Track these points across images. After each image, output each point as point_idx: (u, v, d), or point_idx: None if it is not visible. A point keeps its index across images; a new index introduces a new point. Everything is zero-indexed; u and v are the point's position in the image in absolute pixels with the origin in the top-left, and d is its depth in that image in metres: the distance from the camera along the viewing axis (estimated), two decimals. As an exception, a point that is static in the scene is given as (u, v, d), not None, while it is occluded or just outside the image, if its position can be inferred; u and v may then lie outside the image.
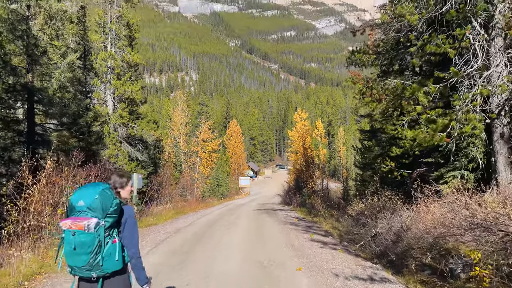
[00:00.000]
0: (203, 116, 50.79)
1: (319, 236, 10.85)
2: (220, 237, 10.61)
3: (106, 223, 2.71)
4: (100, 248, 2.68)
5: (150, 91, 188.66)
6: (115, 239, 2.79)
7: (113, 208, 2.75)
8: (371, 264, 6.99)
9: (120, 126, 21.01)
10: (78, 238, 2.63)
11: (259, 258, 7.63)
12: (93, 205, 2.69)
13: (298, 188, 27.80)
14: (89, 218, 2.65)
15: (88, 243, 2.64)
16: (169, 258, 7.82)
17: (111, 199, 2.77)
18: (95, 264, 2.67)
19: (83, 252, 2.64)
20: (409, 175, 11.12)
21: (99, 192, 2.74)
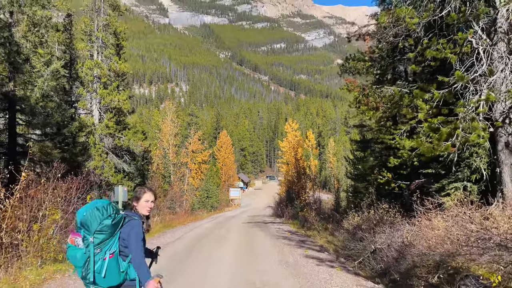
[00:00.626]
0: (192, 126, 50.17)
1: (314, 251, 10.27)
2: (209, 253, 9.98)
3: (95, 239, 2.80)
4: (88, 263, 2.77)
5: (139, 102, 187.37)
6: (107, 256, 2.84)
7: (102, 225, 2.81)
8: (373, 285, 6.43)
9: (106, 137, 20.35)
10: (70, 252, 2.83)
11: (251, 278, 7.02)
12: (83, 222, 2.84)
13: (289, 199, 27.22)
14: (79, 234, 2.84)
15: (78, 258, 2.79)
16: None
17: (100, 217, 2.84)
18: (88, 278, 2.78)
19: (76, 265, 2.84)
20: (407, 187, 10.66)
21: (88, 210, 2.88)
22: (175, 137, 41.15)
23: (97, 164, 19.38)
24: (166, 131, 40.75)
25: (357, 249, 9.44)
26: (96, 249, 2.82)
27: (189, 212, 32.11)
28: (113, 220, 2.89)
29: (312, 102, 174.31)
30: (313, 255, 9.66)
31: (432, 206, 8.03)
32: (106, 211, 2.89)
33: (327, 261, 8.80)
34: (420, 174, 10.38)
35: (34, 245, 8.71)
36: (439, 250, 6.45)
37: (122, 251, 2.99)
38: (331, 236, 13.15)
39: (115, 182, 19.41)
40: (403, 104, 9.06)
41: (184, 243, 12.20)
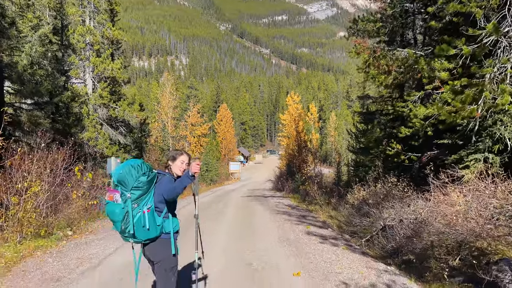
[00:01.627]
0: (192, 99, 49.16)
1: (316, 228, 9.55)
2: (204, 230, 9.26)
3: (132, 195, 3.02)
4: (127, 217, 3.00)
5: (139, 75, 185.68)
6: (144, 210, 3.06)
7: (138, 182, 3.02)
8: (384, 267, 5.69)
9: (101, 107, 19.51)
10: (109, 208, 3.07)
11: (248, 258, 6.30)
12: (119, 180, 3.06)
13: (290, 173, 26.51)
14: (117, 191, 3.05)
15: (117, 213, 3.02)
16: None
17: (136, 174, 3.04)
18: (127, 232, 3.02)
19: (115, 220, 3.06)
20: (418, 159, 9.85)
21: (125, 168, 3.08)
22: (174, 110, 40.19)
23: (91, 135, 18.62)
24: (165, 104, 39.80)
25: (363, 225, 8.73)
26: (133, 204, 3.05)
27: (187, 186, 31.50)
28: (148, 177, 3.10)
29: (313, 75, 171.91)
30: (315, 231, 8.95)
31: (448, 179, 7.24)
32: (140, 169, 3.09)
33: (331, 239, 8.08)
34: (433, 145, 9.53)
35: (12, 220, 8.03)
36: (460, 229, 5.69)
37: (157, 207, 3.21)
38: (334, 211, 12.46)
39: (110, 154, 18.69)
40: (419, 67, 8.14)
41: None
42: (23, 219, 8.17)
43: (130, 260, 6.52)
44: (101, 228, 10.22)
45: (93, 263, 6.33)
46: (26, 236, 8.07)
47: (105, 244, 7.88)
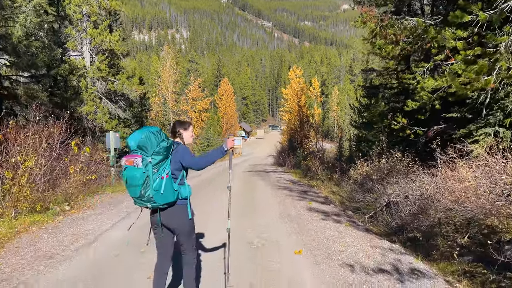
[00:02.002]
0: (192, 73, 48.51)
1: (318, 204, 9.35)
2: (202, 205, 9.08)
3: (153, 160, 3.07)
4: (148, 182, 3.03)
5: (139, 49, 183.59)
6: (163, 176, 3.10)
7: (160, 147, 3.09)
8: (389, 245, 5.48)
9: (99, 80, 19.14)
10: (129, 172, 3.07)
11: (248, 235, 6.10)
12: (140, 145, 3.10)
13: (291, 148, 26.24)
14: (138, 156, 3.06)
15: (138, 177, 3.02)
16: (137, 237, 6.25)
17: (157, 140, 3.11)
18: (146, 196, 3.04)
19: (135, 185, 3.05)
20: (425, 134, 9.55)
21: (145, 133, 3.12)
22: (174, 84, 39.66)
23: (90, 109, 18.33)
24: (165, 78, 39.26)
25: (367, 201, 8.52)
26: (153, 169, 3.07)
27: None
28: (167, 143, 3.17)
29: (316, 49, 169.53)
30: (317, 207, 8.75)
31: (456, 154, 6.96)
32: (160, 135, 3.16)
33: (333, 215, 7.87)
34: (440, 119, 9.21)
35: (7, 195, 7.84)
36: (469, 206, 5.45)
37: (174, 174, 3.28)
38: (336, 186, 12.25)
39: (109, 128, 18.46)
40: (428, 37, 7.73)
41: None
42: (18, 194, 7.98)
43: (126, 236, 6.34)
44: (99, 203, 10.05)
45: (89, 239, 6.15)
46: (22, 211, 7.90)
47: (102, 220, 7.70)
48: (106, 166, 14.53)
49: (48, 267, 4.81)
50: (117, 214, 8.36)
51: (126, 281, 4.27)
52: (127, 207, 9.19)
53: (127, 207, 9.27)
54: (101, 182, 13.44)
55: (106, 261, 4.98)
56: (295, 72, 34.69)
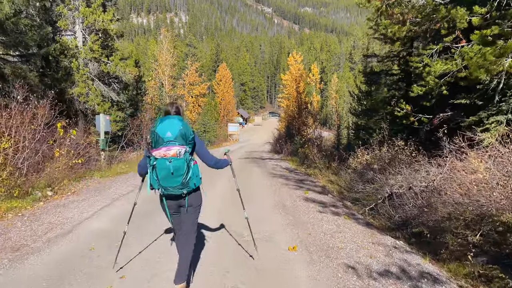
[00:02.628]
0: (190, 57, 47.60)
1: (315, 193, 8.84)
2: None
3: (189, 148, 3.24)
4: (189, 169, 3.21)
5: (137, 32, 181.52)
6: (195, 161, 3.37)
7: (192, 135, 3.28)
8: (393, 241, 4.98)
9: (91, 61, 18.47)
10: (175, 163, 3.13)
11: (239, 229, 5.59)
12: (182, 134, 3.18)
13: (289, 135, 25.69)
14: (178, 146, 3.15)
15: (181, 167, 3.15)
16: (118, 226, 5.74)
17: (190, 129, 3.30)
18: (186, 183, 3.22)
19: (178, 174, 3.16)
20: (429, 121, 9.01)
21: (182, 123, 3.22)
22: (171, 68, 38.86)
23: (81, 91, 17.70)
24: (162, 61, 38.45)
25: (367, 192, 8.02)
26: (190, 157, 3.24)
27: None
28: (194, 132, 3.32)
29: (316, 36, 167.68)
30: (314, 198, 8.24)
31: (465, 143, 6.44)
32: (188, 124, 3.29)
33: (331, 206, 7.37)
34: (446, 106, 8.67)
35: (-19, 179, 7.33)
36: (481, 200, 4.94)
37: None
38: (334, 175, 11.75)
39: (102, 111, 17.88)
40: (438, 16, 7.14)
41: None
42: (-8, 178, 7.47)
43: (105, 227, 5.83)
44: (85, 189, 9.54)
45: (65, 229, 5.63)
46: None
47: (84, 207, 7.19)
48: (96, 150, 13.99)
49: (12, 261, 4.30)
50: (102, 201, 7.85)
51: (95, 283, 3.75)
52: (113, 194, 8.69)
53: (113, 193, 8.77)
54: (90, 166, 12.92)
55: (78, 256, 4.47)
56: (294, 57, 33.96)
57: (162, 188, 3.22)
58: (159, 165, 3.13)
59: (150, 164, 3.19)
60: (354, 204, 7.74)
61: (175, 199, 3.39)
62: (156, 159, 3.14)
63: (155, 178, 3.19)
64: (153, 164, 3.17)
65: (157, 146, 3.17)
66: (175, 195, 3.32)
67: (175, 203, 3.42)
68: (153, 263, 4.24)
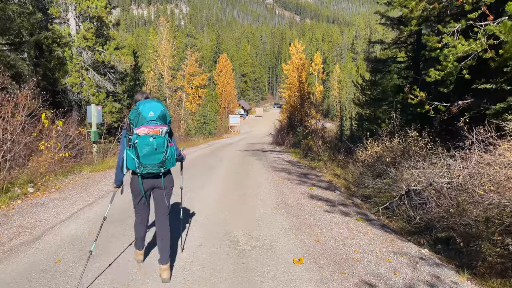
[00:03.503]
0: (190, 48, 46.62)
1: (321, 189, 8.05)
2: (190, 190, 7.80)
3: (168, 129, 3.36)
4: (167, 149, 3.31)
5: (137, 24, 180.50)
6: (171, 143, 3.41)
7: (170, 118, 3.43)
8: (417, 250, 4.18)
9: (85, 50, 17.65)
10: (158, 140, 3.23)
11: (234, 232, 4.82)
12: (162, 114, 3.30)
13: (291, 127, 24.85)
14: (160, 125, 3.26)
15: (162, 144, 3.26)
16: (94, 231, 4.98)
17: (168, 112, 3.46)
18: (164, 161, 3.30)
19: (160, 152, 3.25)
20: (447, 109, 8.17)
21: (163, 105, 3.35)
22: (170, 59, 37.95)
23: (75, 81, 16.91)
24: (161, 52, 37.56)
25: (378, 188, 7.23)
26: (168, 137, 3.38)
27: (183, 138, 30.02)
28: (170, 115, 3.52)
29: (318, 27, 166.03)
30: (320, 195, 7.45)
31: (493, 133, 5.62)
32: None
33: (340, 205, 6.58)
34: (466, 93, 7.83)
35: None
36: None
37: None
38: (340, 169, 10.96)
39: (96, 102, 17.12)
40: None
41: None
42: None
43: (80, 232, 5.06)
44: (71, 184, 8.78)
45: (34, 234, 4.87)
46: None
47: (64, 207, 6.43)
48: (88, 142, 13.22)
49: (-40, 276, 3.54)
50: (85, 199, 7.09)
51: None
52: (99, 190, 7.93)
53: (99, 190, 8.00)
54: (80, 160, 12.18)
55: (38, 271, 3.69)
56: (296, 46, 32.99)
57: (141, 166, 3.25)
58: (142, 142, 3.19)
59: (131, 142, 3.24)
60: (364, 201, 6.95)
61: (151, 178, 3.42)
62: (139, 136, 3.20)
63: (133, 157, 3.24)
64: (134, 142, 3.21)
65: (138, 125, 3.23)
66: (153, 174, 3.36)
67: (151, 183, 3.45)
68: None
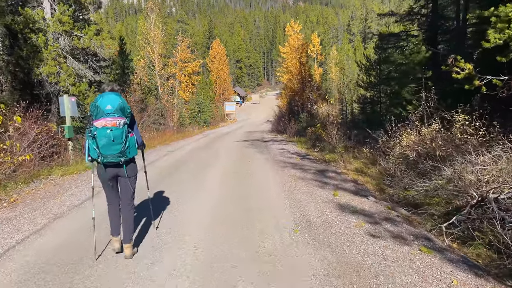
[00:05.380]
0: (180, 33, 44.39)
1: (348, 194, 6.19)
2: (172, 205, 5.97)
3: (127, 120, 3.56)
4: (126, 139, 3.54)
5: (128, 13, 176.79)
6: (132, 133, 3.67)
7: (129, 110, 3.60)
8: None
9: (62, 36, 15.64)
10: (115, 132, 3.43)
11: (233, 278, 3.00)
12: (121, 107, 3.49)
13: (292, 113, 22.92)
14: (118, 118, 3.44)
15: (120, 135, 3.47)
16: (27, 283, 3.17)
17: (127, 104, 3.59)
18: (124, 151, 3.52)
19: (118, 143, 3.46)
20: (506, 85, 6.32)
21: (120, 98, 3.55)
22: (160, 46, 35.83)
23: (51, 70, 14.95)
24: (151, 38, 35.46)
25: (428, 193, 5.40)
26: (127, 128, 3.58)
27: (176, 128, 28.08)
28: (130, 107, 3.67)
29: (312, 9, 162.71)
30: (351, 203, 5.60)
31: None
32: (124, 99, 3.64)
33: (384, 221, 4.73)
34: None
35: None
36: None
37: None
38: (356, 160, 9.13)
39: (77, 92, 15.26)
40: None
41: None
42: None
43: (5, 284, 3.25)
44: (31, 195, 6.97)
45: None
46: None
47: (10, 230, 4.61)
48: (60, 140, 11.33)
49: None
50: (35, 220, 5.25)
51: None
52: (61, 205, 6.08)
53: (61, 204, 6.16)
54: (52, 161, 10.35)
55: None
56: (293, 27, 30.87)
57: (102, 156, 3.47)
58: (100, 134, 3.40)
59: (91, 134, 3.42)
60: (412, 212, 5.13)
61: (114, 167, 3.61)
62: (97, 128, 3.39)
63: (94, 147, 3.44)
64: (93, 134, 3.40)
65: (97, 117, 3.42)
66: (114, 163, 3.56)
67: (114, 171, 3.65)
68: None
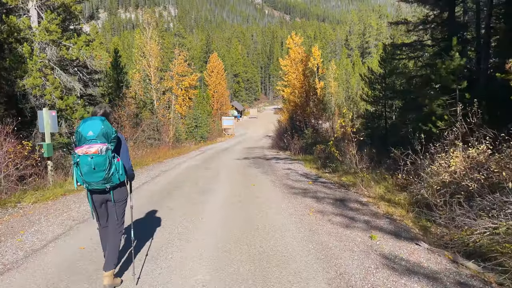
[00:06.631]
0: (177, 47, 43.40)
1: (387, 236, 4.79)
2: (162, 244, 4.57)
3: (111, 146, 3.44)
4: (110, 166, 3.40)
5: (125, 27, 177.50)
6: (118, 158, 3.55)
7: (114, 135, 3.46)
8: None
9: (49, 46, 14.39)
10: (96, 159, 3.32)
11: None
12: (104, 133, 3.37)
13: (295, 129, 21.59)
14: (100, 144, 3.33)
15: (103, 163, 3.34)
16: None
17: (111, 128, 3.47)
18: (108, 178, 3.40)
19: (100, 170, 3.35)
20: None
21: (103, 123, 3.39)
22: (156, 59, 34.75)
23: (35, 82, 13.66)
24: (147, 51, 34.42)
25: (500, 234, 4.03)
26: (112, 153, 3.44)
27: (171, 144, 26.68)
28: (116, 132, 3.54)
29: (309, 25, 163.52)
30: (399, 254, 4.19)
31: None
32: (110, 124, 3.51)
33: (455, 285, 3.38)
34: None
35: None
36: None
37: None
38: (378, 185, 7.78)
39: (64, 106, 13.97)
40: None
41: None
42: None
43: None
44: None
45: None
46: None
47: None
48: (34, 159, 9.90)
49: None
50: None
51: None
52: (21, 244, 4.67)
53: (21, 243, 4.75)
54: (26, 184, 8.98)
55: None
56: (293, 39, 29.83)
57: (86, 183, 3.41)
58: (82, 161, 3.32)
59: (74, 161, 3.36)
60: (483, 267, 3.75)
61: (100, 193, 3.57)
62: (79, 156, 3.32)
63: (79, 174, 3.37)
64: (76, 161, 3.34)
65: (80, 144, 3.36)
66: (100, 190, 3.50)
67: (101, 197, 3.61)
68: None
